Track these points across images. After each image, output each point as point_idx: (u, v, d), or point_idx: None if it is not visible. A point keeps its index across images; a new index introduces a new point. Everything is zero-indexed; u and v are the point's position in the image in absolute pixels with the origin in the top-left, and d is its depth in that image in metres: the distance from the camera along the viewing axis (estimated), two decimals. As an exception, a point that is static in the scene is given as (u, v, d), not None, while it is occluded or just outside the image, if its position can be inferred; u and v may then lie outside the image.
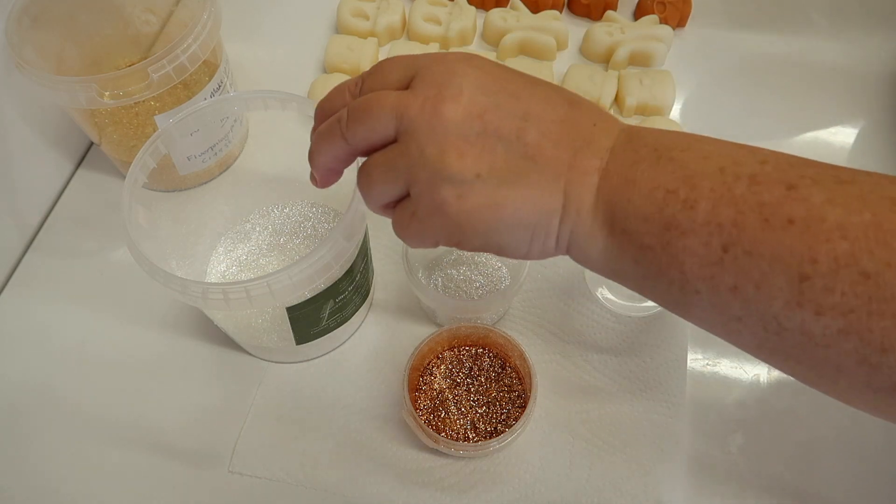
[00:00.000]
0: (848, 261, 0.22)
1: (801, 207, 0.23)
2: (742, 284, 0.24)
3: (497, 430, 0.41)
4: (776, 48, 0.60)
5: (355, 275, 0.40)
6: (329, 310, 0.40)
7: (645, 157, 0.27)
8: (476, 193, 0.27)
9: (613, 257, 0.27)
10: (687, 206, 0.25)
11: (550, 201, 0.27)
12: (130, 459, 0.43)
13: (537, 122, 0.27)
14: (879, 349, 0.22)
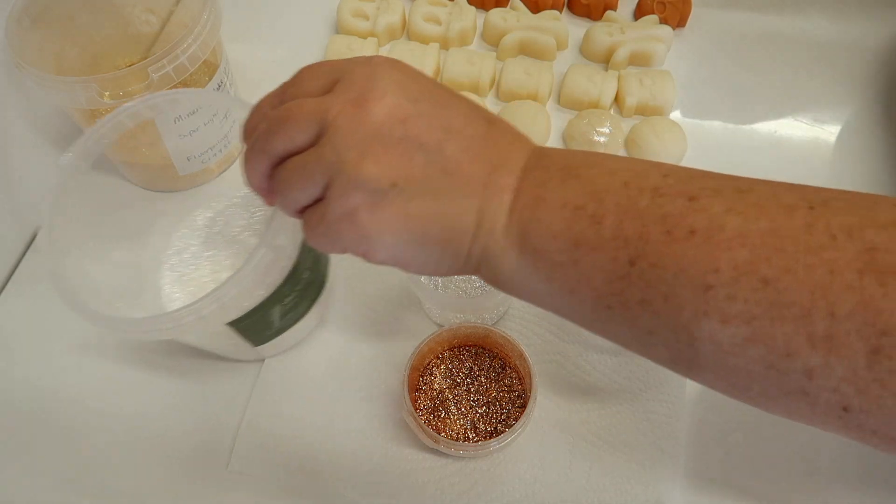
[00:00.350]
0: (748, 268, 0.22)
1: (702, 218, 0.23)
2: (650, 297, 0.24)
3: (497, 430, 0.41)
4: (776, 48, 0.60)
5: (301, 272, 0.39)
6: (279, 314, 0.40)
7: (554, 176, 0.27)
8: (389, 204, 0.26)
9: (525, 276, 0.27)
10: (594, 222, 0.25)
11: (464, 219, 0.27)
12: (130, 459, 0.43)
13: (458, 135, 0.27)
14: (784, 354, 0.22)
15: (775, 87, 0.58)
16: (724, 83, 0.59)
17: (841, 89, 0.58)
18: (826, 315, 0.21)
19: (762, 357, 0.23)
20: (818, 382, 0.22)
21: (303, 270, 0.40)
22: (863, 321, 0.21)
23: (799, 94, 0.58)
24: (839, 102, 0.57)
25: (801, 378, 0.22)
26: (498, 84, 0.57)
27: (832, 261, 0.21)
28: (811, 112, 0.57)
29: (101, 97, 0.42)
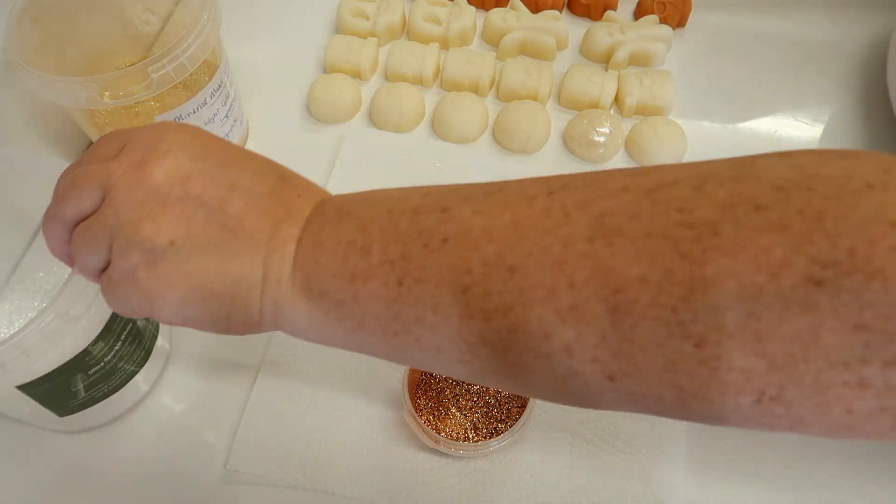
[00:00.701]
0: (496, 261, 0.23)
1: (452, 225, 0.24)
2: (423, 313, 0.24)
3: (497, 430, 0.41)
4: (777, 48, 0.60)
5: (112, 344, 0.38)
6: (83, 384, 0.38)
7: (330, 219, 0.27)
8: (167, 262, 0.26)
9: (320, 323, 0.27)
10: (364, 253, 0.25)
11: (249, 273, 0.27)
12: (128, 457, 0.43)
13: (245, 193, 0.27)
14: (543, 336, 0.22)
15: (776, 87, 0.58)
16: (724, 83, 0.59)
17: (842, 90, 0.58)
18: (567, 287, 0.22)
19: (528, 346, 0.23)
20: (579, 357, 0.22)
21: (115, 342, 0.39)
22: (598, 283, 0.21)
23: (799, 95, 0.58)
24: (840, 103, 0.57)
25: (564, 357, 0.22)
26: (498, 84, 0.57)
27: (567, 235, 0.22)
28: (811, 112, 0.57)
29: (101, 97, 0.42)
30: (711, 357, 0.20)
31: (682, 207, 0.21)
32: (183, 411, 0.44)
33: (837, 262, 0.18)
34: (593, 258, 0.21)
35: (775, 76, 0.59)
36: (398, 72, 0.57)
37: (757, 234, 0.19)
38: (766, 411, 0.21)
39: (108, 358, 0.39)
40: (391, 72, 0.58)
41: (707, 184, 0.21)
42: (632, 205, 0.22)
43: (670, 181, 0.22)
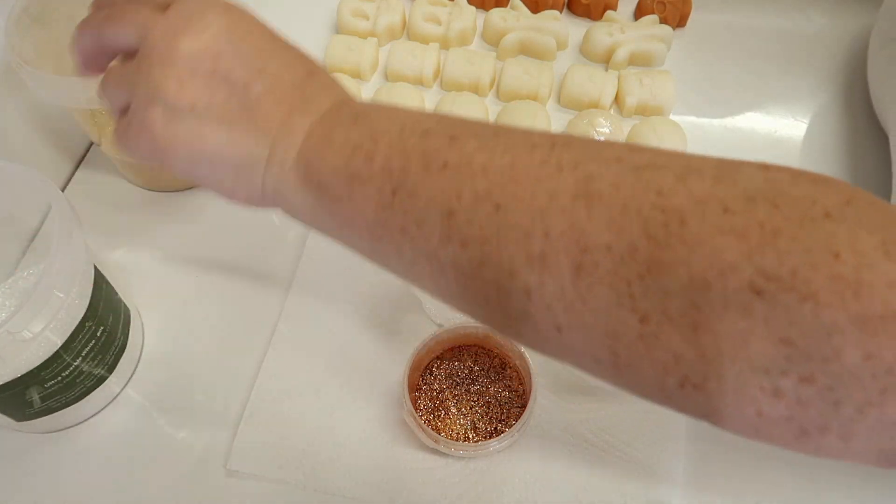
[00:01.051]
0: (485, 196, 0.24)
1: (456, 154, 0.26)
2: (408, 225, 0.26)
3: (497, 430, 0.41)
4: (777, 47, 0.60)
5: (69, 362, 0.38)
6: (38, 396, 0.38)
7: (344, 121, 0.29)
8: (184, 122, 0.28)
9: (313, 211, 0.29)
10: (368, 158, 0.27)
11: (255, 149, 0.29)
12: (128, 457, 0.43)
13: (270, 79, 0.29)
14: (508, 273, 0.24)
15: (775, 87, 0.58)
16: (723, 83, 0.59)
17: (843, 89, 0.58)
18: (542, 235, 0.23)
19: (493, 278, 0.24)
20: (535, 301, 0.24)
21: (72, 359, 0.38)
22: (570, 240, 0.23)
23: (799, 95, 0.58)
24: (841, 103, 0.57)
25: (522, 298, 0.24)
26: (498, 84, 0.57)
27: (554, 188, 0.23)
28: (812, 112, 0.57)
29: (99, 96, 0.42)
30: (650, 335, 0.22)
31: (661, 191, 0.22)
32: (183, 411, 0.44)
33: (780, 278, 0.20)
34: (571, 215, 0.23)
35: (775, 76, 0.59)
36: (398, 72, 0.57)
37: (718, 234, 0.21)
38: (687, 396, 0.22)
39: (66, 373, 0.39)
40: (391, 72, 0.58)
41: (690, 176, 0.22)
42: (618, 175, 0.23)
43: (660, 164, 0.23)
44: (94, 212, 0.52)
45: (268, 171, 0.29)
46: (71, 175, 0.55)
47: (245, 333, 0.47)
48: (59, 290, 0.34)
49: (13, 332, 0.33)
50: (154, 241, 0.51)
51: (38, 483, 0.42)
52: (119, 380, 0.44)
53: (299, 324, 0.46)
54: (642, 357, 0.22)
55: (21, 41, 0.44)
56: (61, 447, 0.43)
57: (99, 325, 0.40)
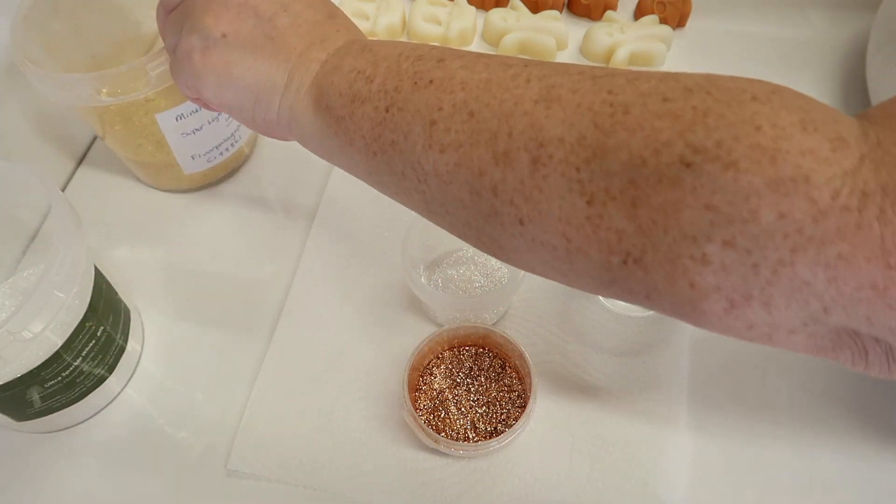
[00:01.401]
0: (461, 106, 0.27)
1: (441, 72, 0.28)
2: (397, 138, 0.29)
3: (497, 430, 0.41)
4: (776, 48, 0.60)
5: (69, 362, 0.38)
6: (38, 396, 0.38)
7: (353, 52, 0.32)
8: (217, 49, 0.33)
9: (320, 133, 0.32)
10: (367, 80, 0.30)
11: (275, 76, 0.33)
12: (128, 457, 0.43)
13: (293, 15, 0.33)
14: (478, 173, 0.26)
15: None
16: (724, 83, 0.59)
17: (843, 89, 0.58)
18: (506, 135, 0.26)
19: (466, 181, 0.27)
20: (501, 197, 0.26)
21: (72, 359, 0.38)
22: (529, 137, 0.25)
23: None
24: (841, 103, 0.57)
25: (490, 196, 0.26)
26: (498, 84, 0.57)
27: (520, 96, 0.26)
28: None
29: (99, 94, 0.42)
30: (595, 215, 0.24)
31: (612, 90, 0.25)
32: (183, 411, 0.44)
33: (706, 150, 0.22)
34: (532, 116, 0.25)
35: (775, 76, 0.58)
36: (398, 72, 0.57)
37: (656, 118, 0.23)
38: (629, 273, 0.24)
39: (66, 373, 0.39)
40: (391, 72, 0.58)
41: (640, 79, 0.25)
42: (578, 83, 0.26)
43: (617, 73, 0.26)
44: (95, 212, 0.52)
45: (284, 97, 0.33)
46: (71, 174, 0.55)
47: (245, 333, 0.47)
48: (59, 290, 0.34)
49: (13, 332, 0.33)
50: (154, 241, 0.51)
51: (38, 483, 0.42)
52: (119, 380, 0.44)
53: (299, 324, 0.46)
54: (590, 238, 0.24)
55: (27, 41, 0.44)
56: (61, 447, 0.43)
57: (99, 325, 0.40)
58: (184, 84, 0.35)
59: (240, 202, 0.53)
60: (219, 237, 0.51)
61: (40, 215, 0.50)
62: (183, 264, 0.50)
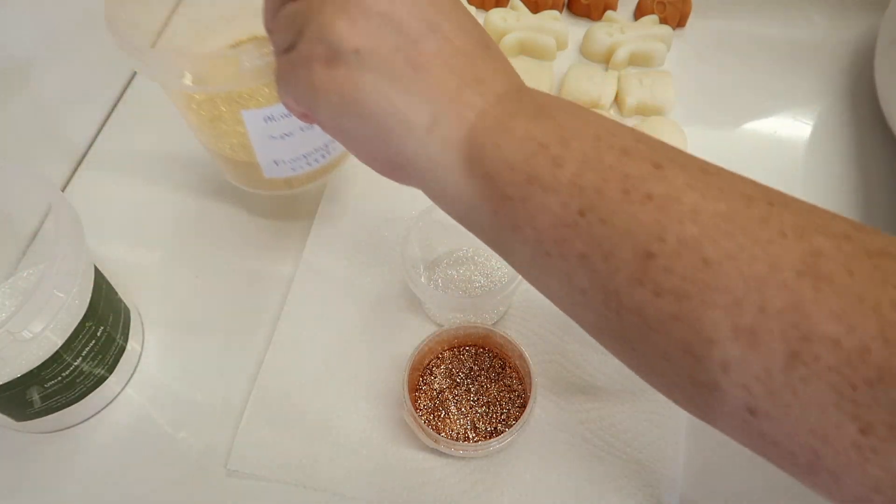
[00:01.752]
0: (693, 245, 0.22)
1: (662, 186, 0.23)
2: (591, 253, 0.24)
3: (497, 430, 0.41)
4: (777, 48, 0.60)
5: (69, 361, 0.38)
6: (38, 396, 0.38)
7: (526, 109, 0.26)
8: (345, 66, 0.26)
9: (471, 203, 0.27)
10: (555, 164, 0.24)
11: (413, 116, 0.26)
12: (128, 457, 0.43)
13: (442, 40, 0.27)
14: (706, 340, 0.22)
15: (776, 87, 0.58)
16: (723, 83, 0.59)
17: (842, 89, 0.58)
18: (756, 309, 0.21)
19: (684, 339, 0.22)
20: (732, 377, 0.22)
21: (72, 359, 0.38)
22: (789, 322, 0.20)
23: (799, 94, 0.58)
24: (840, 102, 0.57)
25: (716, 369, 0.22)
26: (498, 84, 0.57)
27: (776, 256, 0.21)
28: (812, 111, 0.57)
29: (181, 78, 0.37)
30: (868, 447, 0.20)
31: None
32: (183, 411, 0.44)
33: None
34: (795, 295, 0.20)
35: (775, 76, 0.59)
36: (398, 72, 0.57)
37: None
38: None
39: (66, 373, 0.39)
40: (391, 72, 0.57)
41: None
42: (852, 259, 0.21)
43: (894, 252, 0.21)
44: (95, 212, 0.52)
45: (424, 144, 0.26)
46: (71, 175, 0.55)
47: (245, 333, 0.47)
48: (60, 290, 0.34)
49: (13, 332, 0.33)
50: (154, 241, 0.51)
51: (38, 483, 0.42)
52: (119, 380, 0.44)
53: (299, 324, 0.46)
54: (851, 467, 0.20)
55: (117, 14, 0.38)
56: (61, 447, 0.43)
57: (99, 325, 0.40)
58: (290, 94, 0.29)
59: (238, 203, 0.53)
60: (219, 236, 0.51)
61: (40, 215, 0.50)
62: (183, 264, 0.50)
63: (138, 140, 0.57)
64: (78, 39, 0.54)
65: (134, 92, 0.59)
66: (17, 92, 0.49)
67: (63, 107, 0.54)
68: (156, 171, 0.55)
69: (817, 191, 0.52)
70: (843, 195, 0.53)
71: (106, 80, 0.59)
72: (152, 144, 0.56)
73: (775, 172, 0.53)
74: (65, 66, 0.53)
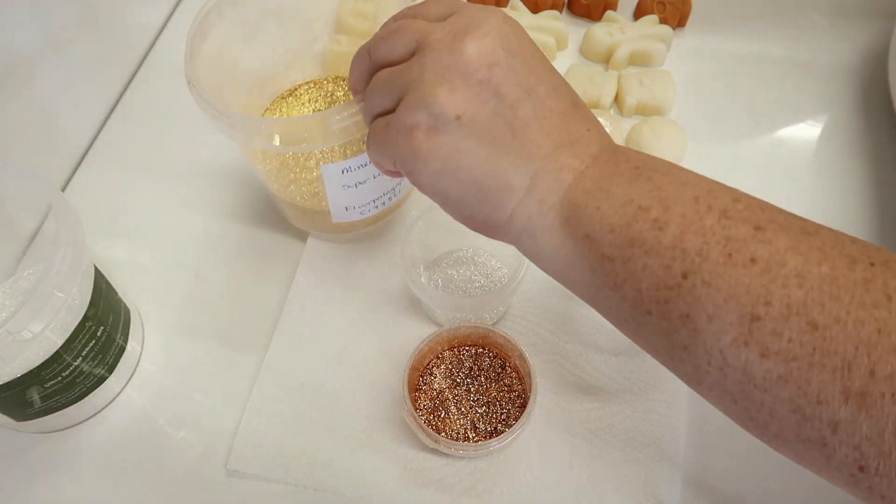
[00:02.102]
0: (800, 309, 0.22)
1: (765, 249, 0.24)
2: (695, 314, 0.24)
3: (497, 430, 0.41)
4: (777, 48, 0.60)
5: (69, 362, 0.38)
6: (38, 396, 0.38)
7: (624, 172, 0.27)
8: (446, 133, 0.27)
9: (569, 262, 0.27)
10: (656, 227, 0.25)
11: (513, 177, 0.27)
12: (128, 457, 0.43)
13: (537, 102, 0.28)
14: (815, 401, 0.22)
15: (775, 86, 0.58)
16: (724, 83, 0.59)
17: (842, 88, 0.58)
18: (866, 372, 0.21)
19: (791, 399, 0.23)
20: (841, 437, 0.22)
21: (72, 359, 0.38)
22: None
23: (799, 94, 0.58)
24: (840, 102, 0.57)
25: (824, 428, 0.22)
26: (498, 84, 0.57)
27: (883, 320, 0.22)
28: (812, 111, 0.57)
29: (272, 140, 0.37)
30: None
31: None
32: (183, 411, 0.44)
33: None
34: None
35: (775, 76, 0.59)
36: (398, 72, 0.57)
37: None
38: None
39: (66, 373, 0.39)
40: (391, 72, 0.57)
41: None
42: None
43: None
44: (94, 212, 0.52)
45: (522, 204, 0.28)
46: (71, 175, 0.55)
47: (245, 333, 0.47)
48: (60, 290, 0.34)
49: (13, 332, 0.33)
50: (154, 241, 0.51)
51: (38, 483, 0.42)
52: (119, 380, 0.44)
53: (299, 324, 0.46)
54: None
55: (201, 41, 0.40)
56: (61, 447, 0.43)
57: (99, 325, 0.40)
58: (387, 157, 0.30)
59: (238, 203, 0.53)
60: (219, 236, 0.51)
61: (40, 215, 0.50)
62: (183, 264, 0.50)
63: (138, 140, 0.57)
64: (78, 39, 0.54)
65: (134, 92, 0.59)
66: (17, 92, 0.49)
67: (63, 107, 0.54)
68: (156, 170, 0.55)
69: (825, 191, 0.52)
70: (852, 195, 0.52)
71: (106, 80, 0.59)
72: (152, 144, 0.56)
73: (777, 173, 0.54)
74: (65, 66, 0.53)
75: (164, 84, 0.59)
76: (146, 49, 0.61)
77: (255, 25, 0.46)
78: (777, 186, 0.52)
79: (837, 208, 0.51)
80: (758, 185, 0.52)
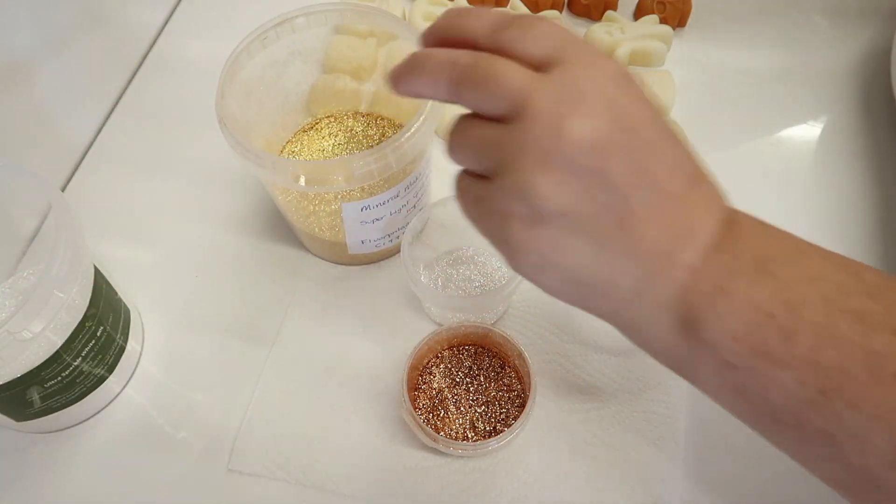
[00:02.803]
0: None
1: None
2: (835, 432, 0.22)
3: (496, 429, 0.41)
4: (778, 48, 0.60)
5: (69, 361, 0.38)
6: (38, 395, 0.38)
7: (743, 267, 0.24)
8: (547, 229, 0.24)
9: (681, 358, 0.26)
10: (784, 336, 0.23)
11: (619, 281, 0.25)
12: (130, 457, 0.43)
13: (653, 188, 0.24)
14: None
15: (776, 86, 0.58)
16: (724, 83, 0.59)
17: (842, 88, 0.58)
18: None
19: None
20: None
21: (72, 359, 0.39)
22: None
23: (800, 94, 0.58)
24: (841, 101, 0.57)
25: None
26: (498, 84, 0.57)
27: None
28: (812, 111, 0.57)
29: (297, 181, 0.38)
30: None
31: None
32: (183, 411, 0.44)
33: None
34: None
35: (776, 76, 0.59)
36: (398, 72, 0.57)
37: None
38: None
39: (66, 373, 0.39)
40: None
41: None
42: None
43: None
44: (94, 212, 0.52)
45: (629, 307, 0.25)
46: (71, 175, 0.55)
47: (245, 333, 0.47)
48: (59, 290, 0.34)
49: (13, 332, 0.33)
50: (154, 240, 0.51)
51: (38, 483, 0.42)
52: (119, 380, 0.44)
53: (300, 323, 0.47)
54: None
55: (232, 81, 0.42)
56: (61, 447, 0.43)
57: (99, 325, 0.40)
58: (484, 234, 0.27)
59: (238, 203, 0.53)
60: (219, 236, 0.51)
61: (40, 215, 0.50)
62: (183, 263, 0.50)
63: (138, 140, 0.57)
64: (78, 39, 0.54)
65: (134, 92, 0.59)
66: (17, 92, 0.49)
67: (63, 107, 0.54)
68: (156, 170, 0.55)
69: (826, 192, 0.52)
70: (854, 196, 0.52)
71: (106, 80, 0.59)
72: (152, 144, 0.56)
73: (778, 173, 0.54)
74: (65, 66, 0.53)
75: (165, 84, 0.59)
76: (146, 49, 0.61)
77: (283, 64, 0.48)
78: (778, 187, 0.52)
79: (838, 209, 0.51)
80: (758, 185, 0.53)
